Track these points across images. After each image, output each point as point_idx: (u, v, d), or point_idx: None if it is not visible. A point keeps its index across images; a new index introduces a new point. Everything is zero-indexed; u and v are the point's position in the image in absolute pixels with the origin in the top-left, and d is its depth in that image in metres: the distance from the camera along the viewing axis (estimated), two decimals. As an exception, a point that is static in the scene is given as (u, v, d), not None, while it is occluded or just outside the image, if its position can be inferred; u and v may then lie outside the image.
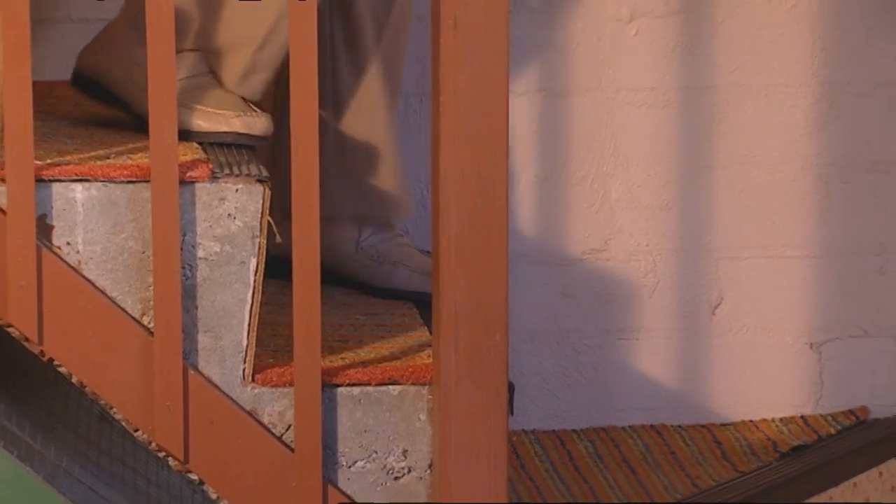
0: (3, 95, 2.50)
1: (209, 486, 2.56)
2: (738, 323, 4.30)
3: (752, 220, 4.44)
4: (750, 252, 4.38)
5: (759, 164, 4.56)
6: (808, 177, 4.52)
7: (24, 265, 2.43)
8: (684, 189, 4.37)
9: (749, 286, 4.36)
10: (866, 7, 4.25)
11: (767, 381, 4.27)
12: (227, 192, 2.49)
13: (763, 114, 4.44)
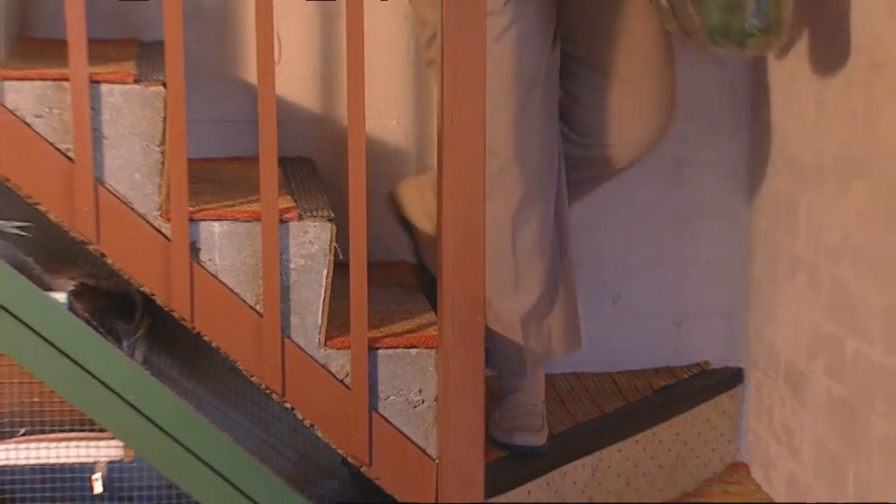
0: (170, 171, 2.71)
1: (298, 410, 2.83)
2: (631, 308, 4.17)
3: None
4: (641, 258, 4.21)
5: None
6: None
7: (182, 273, 2.69)
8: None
9: (639, 283, 4.22)
10: None
11: (648, 346, 4.23)
12: (308, 227, 2.76)
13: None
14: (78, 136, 2.64)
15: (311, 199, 3.01)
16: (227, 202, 2.86)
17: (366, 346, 2.81)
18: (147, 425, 2.70)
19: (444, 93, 2.72)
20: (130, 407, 2.68)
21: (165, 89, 2.68)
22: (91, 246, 2.72)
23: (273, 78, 2.75)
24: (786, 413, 3.61)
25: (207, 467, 2.73)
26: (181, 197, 2.68)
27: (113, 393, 2.66)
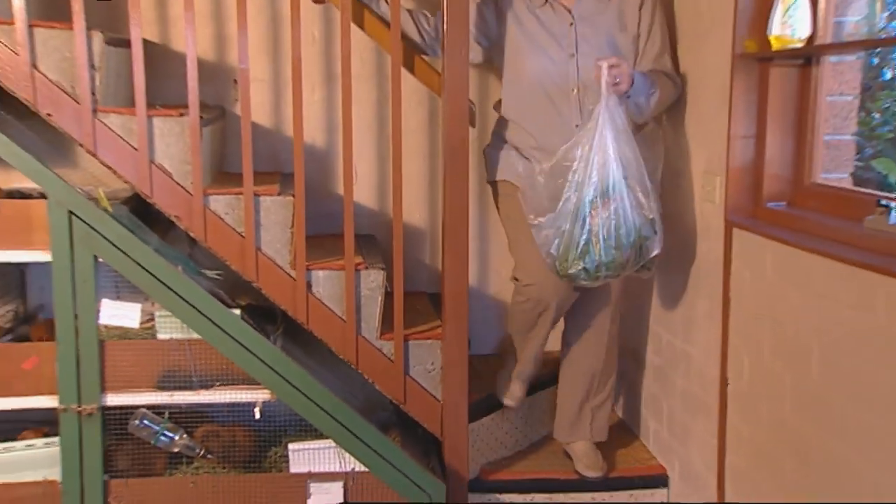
0: (296, 242, 3.10)
1: (364, 374, 3.22)
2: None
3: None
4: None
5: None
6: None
7: (301, 298, 3.16)
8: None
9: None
10: None
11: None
12: (371, 273, 3.16)
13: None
14: (247, 224, 3.07)
15: (372, 258, 3.36)
16: (326, 259, 3.22)
17: (402, 338, 3.22)
18: (281, 381, 3.08)
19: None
20: (273, 371, 3.08)
21: (294, 199, 3.11)
22: (254, 283, 3.14)
23: (352, 192, 3.14)
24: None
25: (314, 403, 3.10)
26: (301, 256, 3.11)
27: (264, 363, 3.06)
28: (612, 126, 2.82)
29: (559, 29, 3.12)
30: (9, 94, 3.03)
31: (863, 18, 2.65)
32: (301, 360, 3.25)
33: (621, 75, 2.84)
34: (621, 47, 3.05)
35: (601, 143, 2.83)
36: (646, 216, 2.89)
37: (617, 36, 3.05)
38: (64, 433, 3.05)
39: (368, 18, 3.25)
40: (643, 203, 2.88)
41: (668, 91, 3.04)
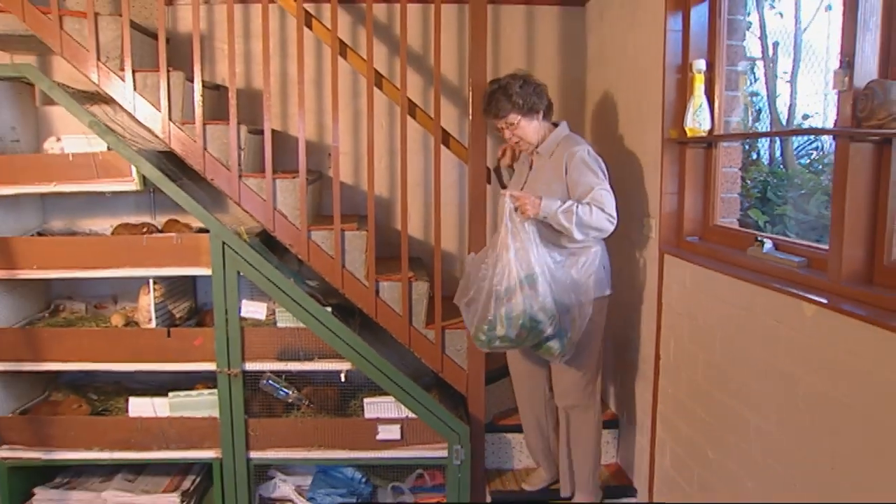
0: (368, 262, 3.18)
1: (415, 351, 3.27)
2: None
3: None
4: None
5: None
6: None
7: (371, 301, 3.23)
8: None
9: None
10: None
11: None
12: (420, 284, 3.23)
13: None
14: (336, 250, 3.19)
15: (420, 273, 3.40)
16: (389, 273, 3.26)
17: (440, 328, 3.28)
18: (358, 356, 3.14)
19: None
20: (353, 349, 3.14)
21: (367, 233, 3.20)
22: (340, 290, 3.24)
23: (406, 228, 3.21)
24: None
25: (380, 371, 3.15)
26: (372, 272, 3.21)
27: (347, 344, 3.14)
28: (513, 239, 2.73)
29: (520, 177, 3.04)
30: (189, 167, 3.21)
31: (740, 119, 2.80)
32: (371, 342, 3.28)
33: (523, 204, 2.73)
34: (556, 190, 2.84)
35: (502, 252, 2.74)
36: (543, 307, 2.71)
37: (552, 183, 2.86)
38: (220, 387, 3.19)
39: (419, 113, 3.33)
40: (540, 300, 2.70)
41: (593, 215, 2.75)
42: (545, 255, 2.77)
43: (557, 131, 2.96)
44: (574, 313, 2.79)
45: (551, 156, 2.92)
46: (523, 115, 2.89)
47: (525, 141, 2.95)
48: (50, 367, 3.24)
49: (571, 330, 2.79)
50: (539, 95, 2.91)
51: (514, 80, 2.88)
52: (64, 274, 3.19)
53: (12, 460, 3.27)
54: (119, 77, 3.15)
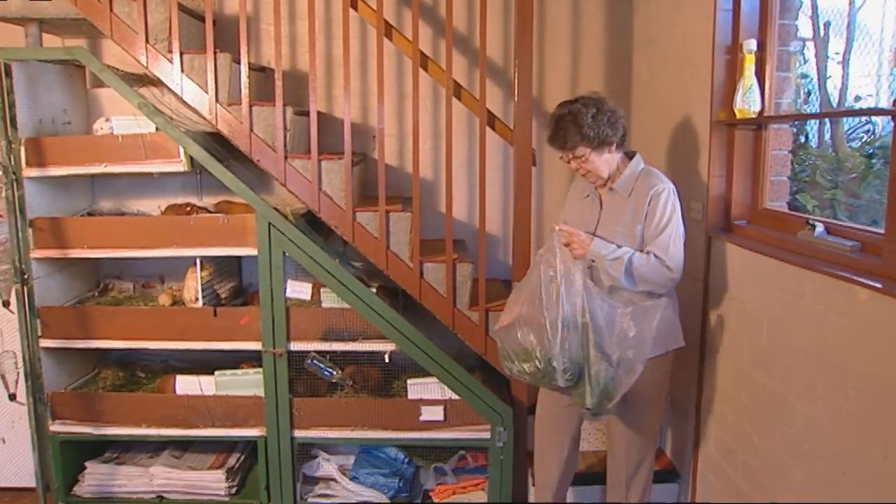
0: (427, 244, 3.27)
1: (458, 333, 3.25)
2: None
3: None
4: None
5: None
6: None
7: (415, 282, 3.20)
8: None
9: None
10: None
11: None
12: (464, 266, 3.18)
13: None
14: (381, 231, 3.18)
15: (464, 255, 3.38)
16: (433, 255, 3.24)
17: (484, 310, 3.24)
18: (402, 337, 3.16)
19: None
20: (397, 330, 3.16)
21: (411, 214, 3.18)
22: (385, 271, 3.23)
23: (451, 210, 3.17)
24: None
25: (424, 352, 3.16)
26: (416, 253, 3.20)
27: (391, 325, 3.15)
28: (562, 277, 2.49)
29: (590, 215, 2.74)
30: (235, 148, 3.24)
31: (791, 100, 2.75)
32: (415, 323, 3.26)
33: (572, 242, 2.54)
34: (627, 232, 2.61)
35: (545, 284, 2.51)
36: (566, 354, 2.46)
37: (634, 226, 2.60)
38: (265, 366, 3.23)
39: (465, 95, 3.30)
40: (566, 346, 2.45)
41: (650, 266, 2.52)
42: (593, 299, 2.48)
43: (633, 165, 2.67)
44: (619, 371, 2.46)
45: (630, 194, 2.63)
46: (593, 148, 2.58)
47: (594, 174, 2.65)
48: (100, 344, 3.32)
49: (613, 389, 2.46)
50: (613, 125, 2.59)
51: (587, 108, 2.56)
52: (113, 253, 3.26)
53: (64, 434, 3.37)
54: (167, 59, 3.18)
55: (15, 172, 3.19)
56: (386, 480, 3.37)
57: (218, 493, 3.40)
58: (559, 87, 3.95)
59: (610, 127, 2.58)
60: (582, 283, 2.48)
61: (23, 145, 3.20)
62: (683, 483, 3.28)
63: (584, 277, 2.49)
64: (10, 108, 3.15)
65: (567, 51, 3.93)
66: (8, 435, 3.55)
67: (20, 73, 3.21)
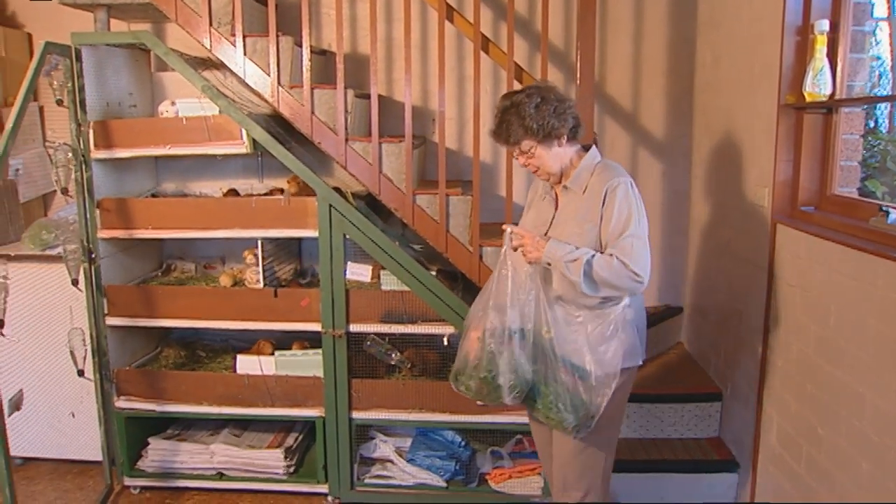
0: (472, 228, 3.12)
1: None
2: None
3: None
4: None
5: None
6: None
7: (475, 266, 3.17)
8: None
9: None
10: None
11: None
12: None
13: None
14: (441, 214, 3.16)
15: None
16: (492, 239, 3.16)
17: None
18: (460, 319, 3.06)
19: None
20: (456, 313, 3.13)
21: (471, 198, 3.16)
22: (444, 254, 3.21)
23: (511, 194, 3.14)
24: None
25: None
26: (475, 236, 3.17)
27: (450, 308, 3.14)
28: (511, 283, 2.34)
29: (545, 217, 2.52)
30: (295, 130, 3.27)
31: (865, 83, 2.68)
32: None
33: (524, 245, 2.37)
34: (590, 233, 2.35)
35: (497, 292, 2.37)
36: (513, 368, 2.33)
37: (586, 224, 2.35)
38: (324, 348, 3.27)
39: (526, 78, 3.26)
40: (515, 359, 2.32)
41: (612, 270, 2.26)
42: (551, 308, 2.32)
43: (588, 159, 2.44)
44: (589, 384, 2.29)
45: (585, 190, 2.40)
46: (539, 141, 2.37)
47: (545, 171, 2.44)
48: (163, 323, 3.41)
49: (589, 402, 2.29)
50: (560, 116, 2.35)
51: (530, 98, 2.35)
52: (177, 234, 3.35)
53: (129, 411, 3.47)
54: (230, 42, 3.22)
55: (84, 154, 3.29)
56: (442, 463, 3.39)
57: (276, 471, 3.46)
58: (621, 71, 3.93)
59: (556, 118, 2.34)
60: (536, 290, 2.33)
61: (91, 128, 3.28)
62: (743, 473, 3.24)
63: (539, 284, 2.33)
64: (80, 92, 3.25)
65: (629, 34, 3.90)
66: (77, 409, 3.64)
67: (89, 58, 3.29)
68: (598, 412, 2.28)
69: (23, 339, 3.45)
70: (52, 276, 3.49)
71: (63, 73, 3.19)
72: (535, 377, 2.34)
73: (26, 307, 3.45)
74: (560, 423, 2.30)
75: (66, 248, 3.21)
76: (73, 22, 3.68)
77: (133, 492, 3.54)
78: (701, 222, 3.82)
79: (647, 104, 3.95)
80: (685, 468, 3.30)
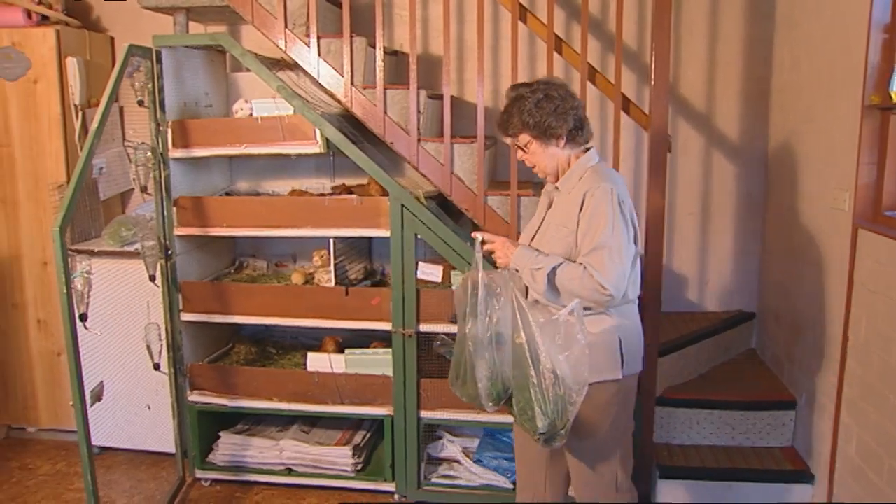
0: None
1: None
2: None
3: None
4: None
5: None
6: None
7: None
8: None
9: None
10: None
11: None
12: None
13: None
14: (512, 214, 3.15)
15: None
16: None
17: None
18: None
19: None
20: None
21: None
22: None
23: None
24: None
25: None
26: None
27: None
28: (485, 289, 2.27)
29: (538, 219, 2.55)
30: (367, 131, 3.32)
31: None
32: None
33: (495, 249, 2.40)
34: (560, 237, 2.34)
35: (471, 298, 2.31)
36: (491, 375, 2.29)
37: (562, 228, 2.34)
38: (394, 347, 3.29)
39: (599, 78, 3.26)
40: (489, 356, 2.27)
41: (575, 281, 2.22)
42: (522, 314, 2.21)
43: (581, 162, 2.39)
44: (558, 393, 2.18)
45: (570, 192, 2.37)
46: (535, 137, 2.36)
47: (540, 169, 2.44)
48: (236, 319, 3.48)
49: (560, 414, 2.18)
50: (560, 116, 2.33)
51: (534, 93, 2.34)
52: (251, 232, 3.41)
53: (201, 405, 3.55)
54: (304, 43, 3.28)
55: (162, 153, 3.38)
56: (510, 465, 3.37)
57: (344, 469, 3.50)
58: (695, 72, 3.90)
59: (555, 117, 2.32)
60: (510, 293, 2.24)
61: (169, 127, 3.37)
62: (819, 485, 3.18)
63: (512, 288, 2.25)
64: (160, 93, 3.34)
65: (704, 34, 3.86)
66: (153, 402, 3.74)
67: (168, 59, 3.39)
68: (567, 423, 2.17)
69: (103, 332, 3.53)
70: (130, 271, 3.59)
71: (144, 74, 3.28)
72: (514, 382, 2.27)
73: (107, 302, 3.53)
74: (532, 431, 2.23)
75: (144, 244, 3.29)
76: (151, 25, 3.81)
77: (204, 484, 3.60)
78: (776, 226, 3.77)
79: (722, 105, 3.90)
80: (757, 477, 3.25)
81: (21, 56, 3.72)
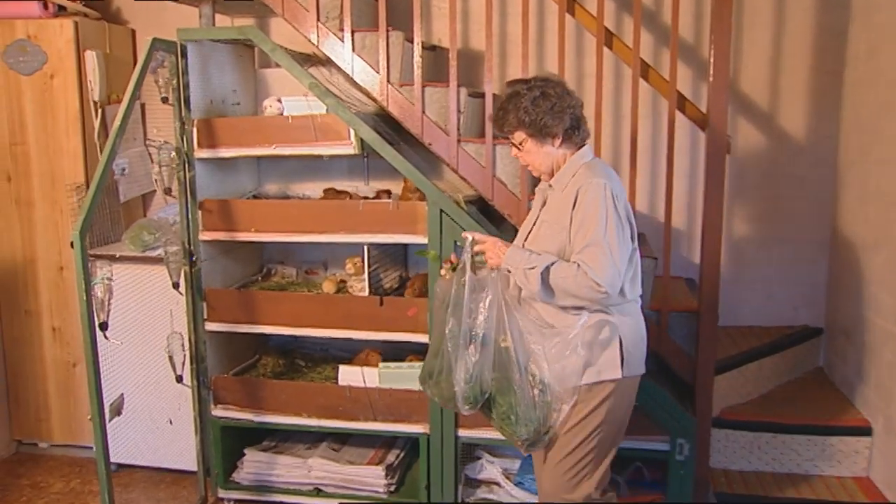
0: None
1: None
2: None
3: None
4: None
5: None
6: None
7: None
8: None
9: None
10: None
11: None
12: (646, 261, 2.81)
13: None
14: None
15: (645, 250, 3.21)
16: None
17: (666, 309, 3.05)
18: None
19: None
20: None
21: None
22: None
23: (634, 201, 2.99)
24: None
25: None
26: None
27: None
28: (471, 290, 2.28)
29: (532, 218, 2.54)
30: (405, 130, 3.22)
31: None
32: None
33: (485, 251, 2.36)
34: (553, 236, 2.33)
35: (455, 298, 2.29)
36: (471, 378, 2.28)
37: (554, 225, 2.33)
38: None
39: (652, 75, 3.16)
40: (469, 358, 2.26)
41: (570, 279, 2.20)
42: (510, 313, 2.27)
43: (575, 159, 2.38)
44: (545, 398, 2.26)
45: (563, 190, 2.35)
46: (531, 136, 2.36)
47: (534, 168, 2.45)
48: (264, 329, 3.37)
49: (544, 419, 2.27)
50: (557, 115, 2.31)
51: (531, 90, 2.32)
52: (281, 238, 3.30)
53: (225, 420, 3.44)
54: (338, 37, 3.19)
55: (187, 154, 3.28)
56: (554, 488, 3.22)
57: (376, 489, 3.38)
58: (757, 67, 3.75)
59: (552, 115, 2.30)
60: (496, 297, 2.26)
61: (195, 126, 3.27)
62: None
63: (499, 289, 2.27)
64: (185, 90, 3.25)
65: (768, 26, 3.70)
66: (175, 416, 3.65)
67: (193, 54, 3.28)
68: (552, 428, 2.22)
69: (124, 342, 3.44)
70: (152, 278, 3.52)
71: (169, 70, 3.19)
72: (494, 386, 2.28)
73: (128, 310, 3.46)
74: (512, 435, 2.26)
75: (168, 249, 3.22)
76: (175, 18, 3.75)
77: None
78: (847, 234, 3.60)
79: (787, 102, 3.73)
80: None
81: (37, 49, 3.64)
